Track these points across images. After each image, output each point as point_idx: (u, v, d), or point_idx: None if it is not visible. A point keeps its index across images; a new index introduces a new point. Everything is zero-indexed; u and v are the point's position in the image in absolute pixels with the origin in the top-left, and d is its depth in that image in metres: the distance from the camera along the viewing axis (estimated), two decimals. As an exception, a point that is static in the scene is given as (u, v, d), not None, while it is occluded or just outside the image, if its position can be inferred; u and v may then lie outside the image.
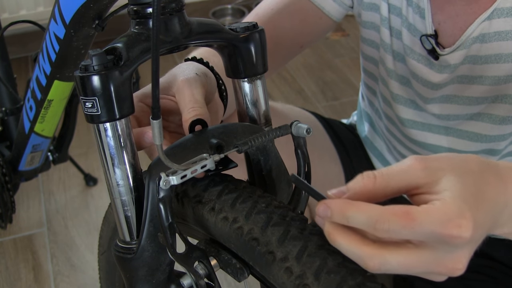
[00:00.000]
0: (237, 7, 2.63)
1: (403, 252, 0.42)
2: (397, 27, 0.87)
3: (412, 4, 0.83)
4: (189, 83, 0.59)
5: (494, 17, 0.75)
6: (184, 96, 0.57)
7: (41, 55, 0.88)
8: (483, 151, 0.89)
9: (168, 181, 0.48)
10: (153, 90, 0.42)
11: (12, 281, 1.44)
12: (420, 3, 0.81)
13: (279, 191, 0.57)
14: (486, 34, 0.77)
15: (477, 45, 0.78)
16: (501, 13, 0.74)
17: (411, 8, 0.83)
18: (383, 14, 0.87)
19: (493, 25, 0.75)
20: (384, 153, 1.07)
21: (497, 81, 0.80)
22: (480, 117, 0.85)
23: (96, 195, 1.72)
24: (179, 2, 0.50)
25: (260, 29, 0.55)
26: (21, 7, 2.29)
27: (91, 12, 0.66)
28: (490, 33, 0.76)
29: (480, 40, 0.77)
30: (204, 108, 0.57)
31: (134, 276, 0.52)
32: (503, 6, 0.74)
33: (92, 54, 0.45)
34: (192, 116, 0.55)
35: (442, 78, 0.84)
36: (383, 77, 0.94)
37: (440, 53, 0.82)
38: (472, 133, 0.87)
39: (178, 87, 0.59)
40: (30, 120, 1.10)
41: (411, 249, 0.42)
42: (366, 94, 1.07)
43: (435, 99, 0.87)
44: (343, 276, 0.41)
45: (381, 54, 0.92)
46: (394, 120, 0.96)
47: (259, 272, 0.48)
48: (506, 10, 0.74)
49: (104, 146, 0.48)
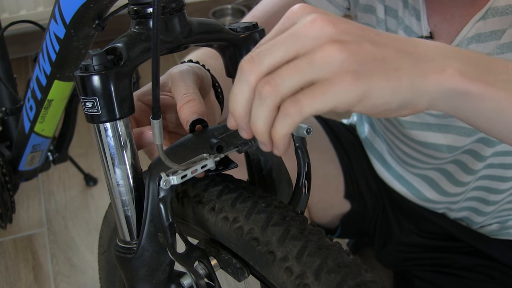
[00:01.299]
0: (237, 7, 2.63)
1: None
2: (393, 29, 0.87)
3: (408, 6, 0.82)
4: (182, 73, 0.59)
5: (488, 17, 0.75)
6: (178, 86, 0.58)
7: (41, 55, 0.88)
8: (478, 140, 0.89)
9: (168, 181, 0.48)
10: (153, 90, 0.42)
11: (12, 281, 1.44)
12: (416, 5, 0.81)
13: (279, 191, 0.57)
14: (482, 34, 0.76)
15: (473, 45, 0.78)
16: (495, 12, 0.74)
17: (407, 10, 0.83)
18: (380, 16, 0.87)
19: (488, 25, 0.75)
20: (385, 154, 1.07)
21: None
22: None
23: (96, 195, 1.72)
24: (179, 2, 0.50)
25: (260, 29, 0.55)
26: (21, 7, 2.29)
27: (91, 12, 0.66)
28: (486, 33, 0.76)
29: (476, 40, 0.77)
30: (197, 94, 0.57)
31: (134, 276, 0.52)
32: (497, 5, 0.74)
33: (92, 54, 0.45)
34: (185, 101, 0.55)
35: None
36: None
37: None
38: (470, 130, 0.87)
39: (172, 80, 0.59)
40: (30, 120, 1.10)
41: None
42: None
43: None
44: (343, 275, 0.41)
45: None
46: (393, 121, 0.96)
47: (259, 272, 0.48)
48: (501, 9, 0.74)
49: (104, 146, 0.48)
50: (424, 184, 1.02)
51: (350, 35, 0.41)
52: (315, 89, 0.40)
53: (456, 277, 1.02)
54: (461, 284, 1.02)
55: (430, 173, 0.99)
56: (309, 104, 0.40)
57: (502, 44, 0.75)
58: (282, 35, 0.42)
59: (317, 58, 0.40)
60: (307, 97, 0.40)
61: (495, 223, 1.01)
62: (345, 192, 1.10)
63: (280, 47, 0.41)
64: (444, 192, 0.99)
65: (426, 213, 1.06)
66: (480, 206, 0.98)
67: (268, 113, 0.41)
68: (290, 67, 0.40)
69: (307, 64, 0.40)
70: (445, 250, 1.06)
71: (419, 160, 0.97)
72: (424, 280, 1.06)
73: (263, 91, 0.40)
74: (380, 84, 0.41)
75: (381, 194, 1.11)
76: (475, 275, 1.01)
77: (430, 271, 1.06)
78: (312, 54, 0.40)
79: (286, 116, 0.41)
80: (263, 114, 0.41)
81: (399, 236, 1.10)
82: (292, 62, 0.41)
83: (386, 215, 1.11)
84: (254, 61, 0.41)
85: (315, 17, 0.41)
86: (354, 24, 0.42)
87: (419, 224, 1.07)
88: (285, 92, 0.40)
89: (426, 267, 1.07)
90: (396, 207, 1.10)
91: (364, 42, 0.41)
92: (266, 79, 0.40)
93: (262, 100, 0.41)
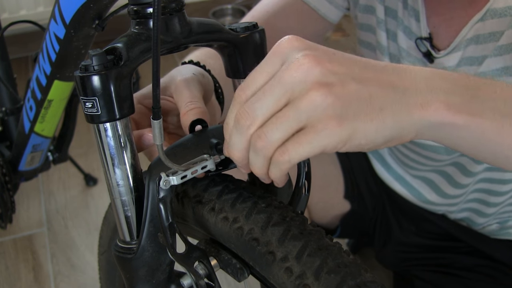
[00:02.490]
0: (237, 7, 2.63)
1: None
2: (393, 30, 0.86)
3: (408, 7, 0.82)
4: (187, 82, 0.59)
5: (487, 18, 0.75)
6: (182, 94, 0.58)
7: (41, 55, 0.88)
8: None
9: (168, 181, 0.48)
10: (153, 90, 0.42)
11: (12, 281, 1.44)
12: (415, 5, 0.81)
13: (279, 191, 0.57)
14: (481, 35, 0.76)
15: (472, 46, 0.78)
16: (494, 13, 0.74)
17: (406, 10, 0.83)
18: (379, 16, 0.87)
19: (486, 26, 0.75)
20: (385, 155, 1.07)
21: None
22: None
23: (96, 195, 1.72)
24: (179, 2, 0.50)
25: (260, 29, 0.55)
26: (21, 7, 2.29)
27: (91, 12, 0.66)
28: (484, 34, 0.76)
29: (475, 42, 0.77)
30: (201, 103, 0.57)
31: (134, 276, 0.52)
32: (496, 7, 0.74)
33: (92, 54, 0.45)
34: (190, 109, 0.55)
35: None
36: None
37: (436, 55, 0.81)
38: None
39: (176, 87, 0.59)
40: (30, 120, 1.10)
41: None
42: None
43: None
44: (343, 276, 0.41)
45: (377, 56, 0.92)
46: None
47: (259, 272, 0.48)
48: (499, 10, 0.73)
49: (104, 146, 0.48)
50: (424, 185, 1.02)
51: (336, 76, 0.42)
52: (302, 137, 0.42)
53: (456, 277, 1.02)
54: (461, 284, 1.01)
55: (430, 175, 0.99)
56: (297, 152, 0.42)
57: (500, 45, 0.75)
58: (270, 82, 0.43)
59: (302, 105, 0.42)
60: (294, 146, 0.42)
61: (495, 223, 1.01)
62: (345, 192, 1.10)
63: (270, 96, 0.43)
64: (444, 194, 0.99)
65: (426, 214, 1.06)
66: (481, 208, 0.98)
67: (264, 161, 0.44)
68: (279, 118, 0.43)
69: (294, 113, 0.42)
70: (445, 250, 1.06)
71: (418, 162, 0.97)
72: (424, 280, 1.06)
73: (257, 144, 0.43)
74: (364, 126, 0.42)
75: (381, 195, 1.11)
76: (475, 275, 1.01)
77: (430, 271, 1.06)
78: (298, 102, 0.42)
79: (277, 164, 0.43)
80: (259, 162, 0.44)
81: (399, 236, 1.10)
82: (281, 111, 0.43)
83: (386, 216, 1.11)
84: (248, 114, 0.43)
85: (301, 57, 0.42)
86: (341, 59, 0.43)
87: (419, 225, 1.07)
88: (276, 144, 0.43)
89: (426, 267, 1.07)
90: (396, 207, 1.10)
91: (350, 81, 0.42)
92: (258, 134, 0.43)
93: (257, 152, 0.44)
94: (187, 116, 0.55)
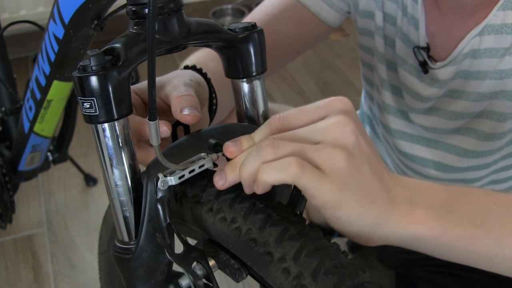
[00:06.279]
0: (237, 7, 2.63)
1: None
2: (391, 37, 0.86)
3: (407, 14, 0.82)
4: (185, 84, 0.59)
5: (484, 34, 0.74)
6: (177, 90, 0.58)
7: (40, 55, 0.88)
8: (471, 168, 0.88)
9: (166, 181, 0.48)
10: (149, 91, 0.42)
11: (12, 281, 1.44)
12: (415, 13, 0.80)
13: (278, 191, 0.56)
14: (477, 50, 0.76)
15: (468, 61, 0.77)
16: (491, 29, 0.74)
17: (406, 18, 0.82)
18: (378, 23, 0.86)
19: (483, 42, 0.75)
20: (384, 157, 1.07)
21: (481, 97, 0.79)
22: (467, 132, 0.85)
23: (96, 195, 1.72)
24: (178, 2, 0.49)
25: (259, 29, 0.55)
26: (21, 7, 2.29)
27: (90, 12, 0.66)
28: (480, 50, 0.76)
29: (471, 56, 0.77)
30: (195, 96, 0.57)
31: (132, 277, 0.52)
32: (494, 23, 0.73)
33: (90, 55, 0.45)
34: (183, 95, 0.56)
35: (432, 92, 0.83)
36: (377, 86, 0.94)
37: (431, 66, 0.81)
38: (459, 148, 0.87)
39: (170, 88, 0.59)
40: (30, 120, 1.10)
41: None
42: (366, 99, 1.06)
43: (423, 110, 0.87)
44: (340, 276, 0.41)
45: (375, 62, 0.91)
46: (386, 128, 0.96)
47: (257, 273, 0.48)
48: (497, 27, 0.73)
49: (102, 147, 0.48)
50: None
51: (361, 152, 0.45)
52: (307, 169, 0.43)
53: (458, 278, 1.02)
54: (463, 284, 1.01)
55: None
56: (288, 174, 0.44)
57: (501, 70, 0.75)
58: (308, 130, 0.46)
59: (323, 153, 0.44)
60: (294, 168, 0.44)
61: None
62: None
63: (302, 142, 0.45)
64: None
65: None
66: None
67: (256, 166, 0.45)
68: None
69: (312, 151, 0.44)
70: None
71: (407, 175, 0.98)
72: (426, 281, 1.06)
73: (263, 152, 0.45)
74: (354, 205, 0.44)
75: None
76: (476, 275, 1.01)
77: (432, 272, 1.06)
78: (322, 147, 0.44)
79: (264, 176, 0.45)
80: (252, 166, 0.46)
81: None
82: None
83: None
84: (273, 148, 0.45)
85: (345, 120, 0.45)
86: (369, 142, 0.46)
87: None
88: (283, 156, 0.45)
89: (428, 268, 1.07)
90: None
91: (366, 163, 0.45)
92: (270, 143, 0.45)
93: (259, 157, 0.45)
94: (179, 100, 0.55)
